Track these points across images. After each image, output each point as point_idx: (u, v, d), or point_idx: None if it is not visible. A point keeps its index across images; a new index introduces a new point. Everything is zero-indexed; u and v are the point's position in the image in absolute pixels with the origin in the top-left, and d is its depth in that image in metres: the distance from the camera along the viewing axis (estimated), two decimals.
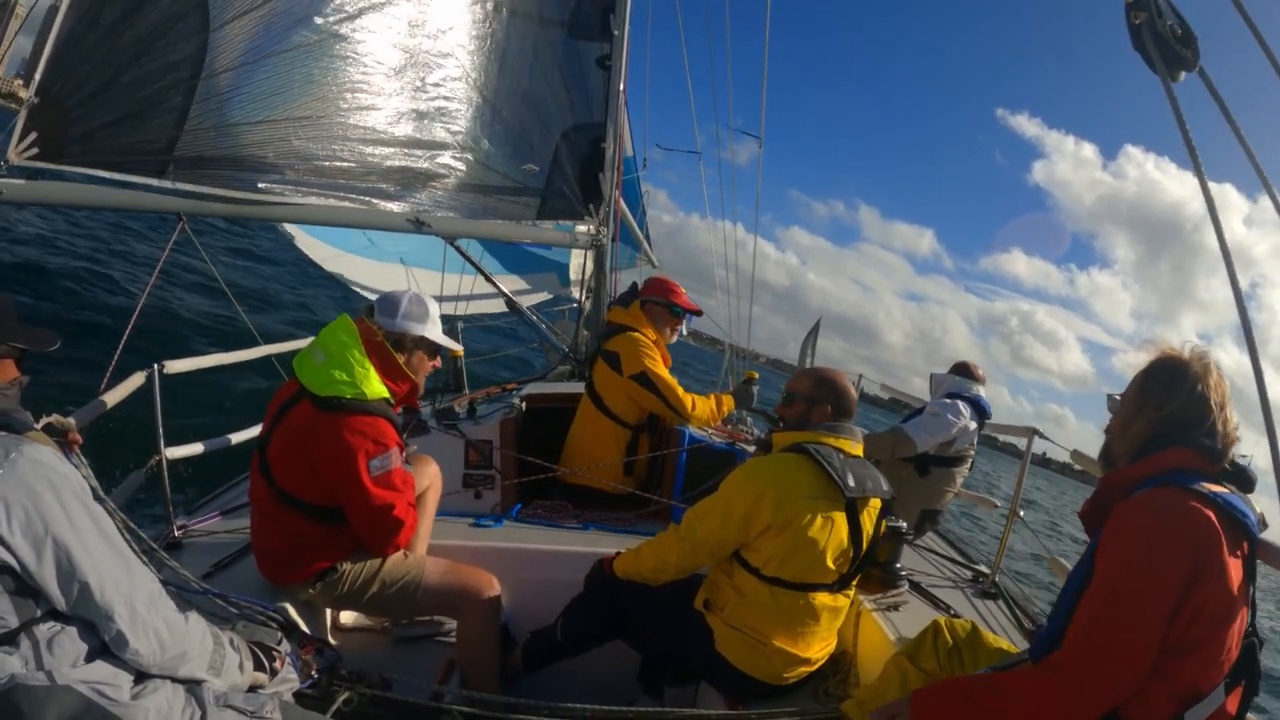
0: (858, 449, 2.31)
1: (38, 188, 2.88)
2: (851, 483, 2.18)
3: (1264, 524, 1.49)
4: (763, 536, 2.17)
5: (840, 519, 2.19)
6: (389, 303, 2.35)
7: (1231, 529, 1.42)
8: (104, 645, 1.40)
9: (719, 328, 7.49)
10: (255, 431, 3.39)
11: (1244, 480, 1.50)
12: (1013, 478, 3.60)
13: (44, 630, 1.33)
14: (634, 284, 3.91)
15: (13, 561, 1.29)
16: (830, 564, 2.20)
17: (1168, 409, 1.51)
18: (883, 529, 2.35)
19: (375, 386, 2.19)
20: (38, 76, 2.72)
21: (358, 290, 7.06)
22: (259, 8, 3.20)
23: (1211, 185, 1.50)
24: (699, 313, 3.77)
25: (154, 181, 3.06)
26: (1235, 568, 1.40)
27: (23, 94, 2.82)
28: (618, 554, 2.47)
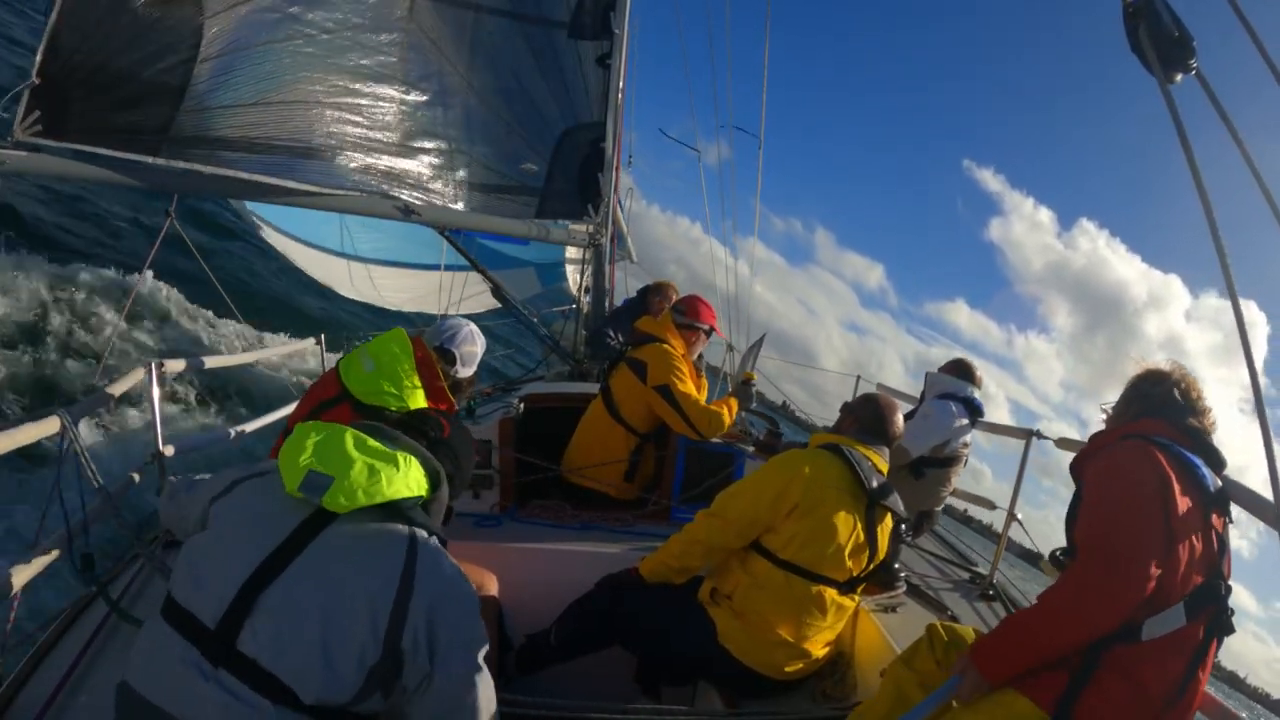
0: (884, 466, 2.45)
1: (40, 160, 2.92)
2: (875, 485, 2.30)
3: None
4: (788, 518, 2.25)
5: (860, 518, 2.28)
6: (449, 336, 2.41)
7: (1187, 473, 1.64)
8: None
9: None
10: (251, 426, 3.40)
11: (1215, 458, 1.72)
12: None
13: None
14: (645, 287, 3.97)
15: (410, 649, 1.31)
16: (845, 559, 2.26)
17: (1153, 401, 1.81)
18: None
19: (419, 404, 2.23)
20: (39, 59, 2.78)
21: (326, 288, 7.17)
22: None
23: (1157, 275, 1.64)
24: (722, 335, 3.86)
25: (149, 160, 3.10)
26: (1193, 496, 1.61)
27: None
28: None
